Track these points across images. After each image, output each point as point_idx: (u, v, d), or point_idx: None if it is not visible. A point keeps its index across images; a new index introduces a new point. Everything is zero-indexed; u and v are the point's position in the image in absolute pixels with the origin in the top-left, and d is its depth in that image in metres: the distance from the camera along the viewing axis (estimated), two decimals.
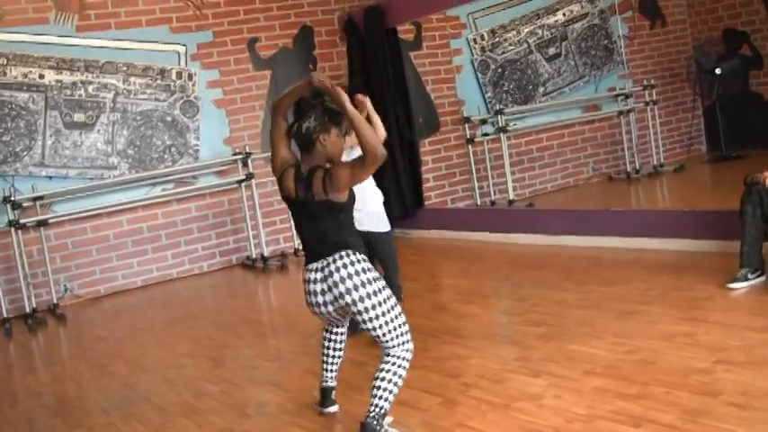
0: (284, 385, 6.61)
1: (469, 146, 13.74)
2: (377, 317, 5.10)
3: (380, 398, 5.09)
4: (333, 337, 5.90)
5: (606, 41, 15.42)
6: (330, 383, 5.92)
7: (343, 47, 13.39)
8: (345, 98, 5.14)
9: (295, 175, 5.29)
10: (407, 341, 5.22)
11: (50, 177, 11.49)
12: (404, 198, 12.81)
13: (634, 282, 8.08)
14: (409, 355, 5.22)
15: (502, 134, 13.12)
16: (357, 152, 6.32)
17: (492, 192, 13.73)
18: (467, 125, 13.70)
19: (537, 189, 14.46)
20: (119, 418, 6.51)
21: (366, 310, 5.08)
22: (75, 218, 11.57)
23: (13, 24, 11.32)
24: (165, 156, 12.23)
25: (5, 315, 10.72)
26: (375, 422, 5.05)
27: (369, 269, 5.18)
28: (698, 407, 4.88)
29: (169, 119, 12.27)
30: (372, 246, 7.37)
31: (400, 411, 5.45)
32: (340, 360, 5.96)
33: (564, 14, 15.05)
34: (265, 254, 12.32)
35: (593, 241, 10.05)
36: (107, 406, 6.89)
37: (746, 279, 7.27)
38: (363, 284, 5.09)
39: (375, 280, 5.16)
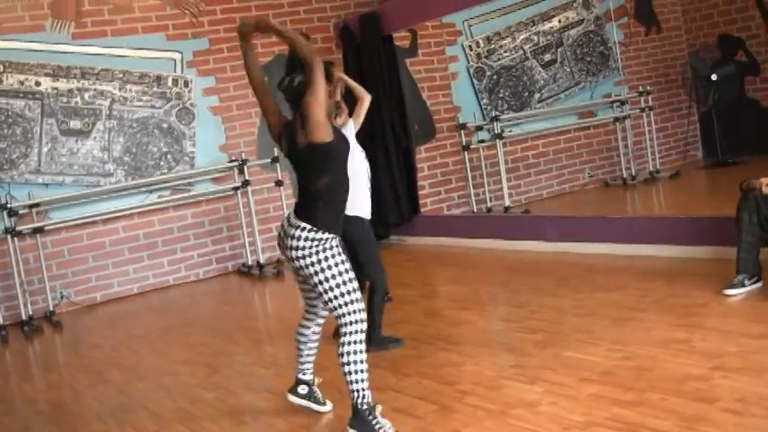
0: (280, 392, 6.58)
1: (465, 153, 13.76)
2: (328, 289, 5.26)
3: (354, 382, 5.28)
4: (303, 331, 5.99)
5: (602, 48, 15.45)
6: (303, 374, 6.06)
7: (339, 54, 13.39)
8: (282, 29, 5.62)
9: (286, 126, 5.48)
10: (356, 312, 5.32)
11: (47, 184, 11.49)
12: (400, 205, 12.81)
13: (630, 288, 8.08)
14: (359, 327, 5.32)
15: (498, 141, 13.14)
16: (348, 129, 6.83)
17: (488, 198, 13.75)
18: (462, 132, 13.74)
19: (533, 196, 14.50)
20: (115, 426, 6.50)
21: (311, 273, 5.28)
22: (72, 225, 11.56)
23: (9, 32, 11.32)
24: (161, 163, 12.23)
25: (2, 322, 10.70)
26: (363, 406, 5.28)
27: (316, 247, 5.24)
28: (694, 413, 4.87)
29: (165, 126, 12.27)
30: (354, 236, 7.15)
31: (396, 419, 5.44)
32: (311, 355, 6.07)
33: (559, 21, 15.08)
34: (261, 261, 12.31)
35: (590, 248, 10.05)
36: (103, 413, 6.89)
37: (743, 285, 7.27)
38: (313, 262, 5.26)
39: (323, 255, 5.25)
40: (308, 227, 5.23)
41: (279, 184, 12.09)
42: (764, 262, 7.37)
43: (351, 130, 7.40)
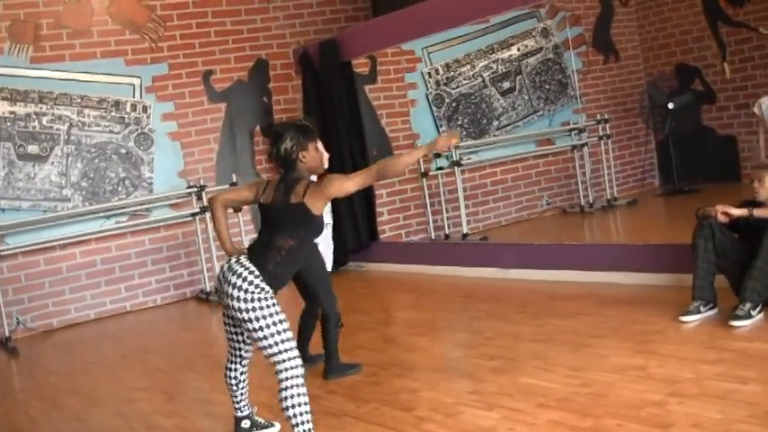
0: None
1: (424, 179, 13.78)
2: (258, 329, 5.23)
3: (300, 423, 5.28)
4: (233, 374, 5.96)
5: (560, 76, 15.56)
6: (241, 411, 6.09)
7: (299, 80, 13.41)
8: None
9: (276, 184, 5.54)
10: (288, 351, 5.31)
11: (3, 209, 11.40)
12: (358, 231, 12.83)
13: (587, 315, 8.11)
14: (293, 365, 5.30)
15: (456, 168, 13.18)
16: None
17: (446, 225, 13.77)
18: (421, 159, 13.74)
19: (491, 223, 14.55)
20: None
21: (243, 319, 5.27)
22: (28, 250, 11.47)
23: None
24: (119, 188, 12.18)
25: None
26: None
27: (252, 283, 5.26)
28: None
29: (123, 151, 12.22)
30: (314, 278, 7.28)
31: None
32: (245, 392, 6.07)
33: (518, 49, 15.18)
34: None
35: (547, 275, 10.09)
36: None
37: (699, 312, 7.32)
38: (244, 299, 5.23)
39: (254, 296, 5.25)
40: (257, 273, 5.29)
41: (237, 210, 12.05)
42: (720, 289, 7.42)
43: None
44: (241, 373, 5.95)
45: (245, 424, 6.07)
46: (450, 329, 9.00)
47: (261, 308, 5.22)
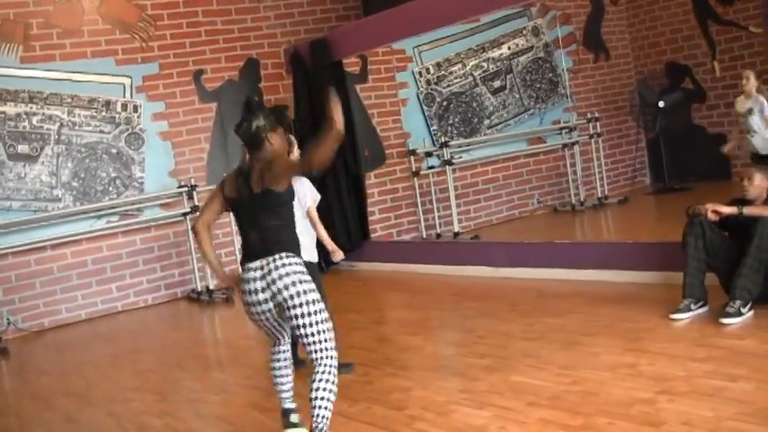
0: (228, 419, 6.57)
1: (415, 179, 13.79)
2: (309, 314, 5.22)
3: (324, 408, 5.22)
4: (278, 356, 5.90)
5: (551, 75, 15.58)
6: (287, 405, 5.91)
7: (289, 80, 13.40)
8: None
9: (234, 176, 5.53)
10: (334, 349, 5.35)
11: None
12: (349, 230, 12.83)
13: (578, 313, 8.12)
14: (336, 363, 5.36)
15: (447, 167, 13.20)
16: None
17: (437, 224, 13.78)
18: (412, 158, 13.77)
19: (482, 221, 14.55)
20: None
21: (301, 305, 5.21)
22: (19, 250, 11.46)
23: None
24: (110, 188, 12.17)
25: None
26: None
27: (304, 271, 5.34)
28: None
29: (114, 151, 12.21)
30: None
31: None
32: (291, 379, 5.96)
33: (509, 48, 15.19)
34: (210, 287, 12.25)
35: (538, 273, 10.10)
36: None
37: (689, 310, 7.33)
38: (300, 282, 5.23)
39: (309, 282, 5.31)
40: (287, 253, 5.33)
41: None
42: (710, 287, 7.44)
43: (301, 183, 7.28)
44: (285, 351, 5.92)
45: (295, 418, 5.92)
46: (442, 328, 9.01)
47: (309, 290, 5.28)
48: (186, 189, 12.31)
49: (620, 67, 16.55)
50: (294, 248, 5.40)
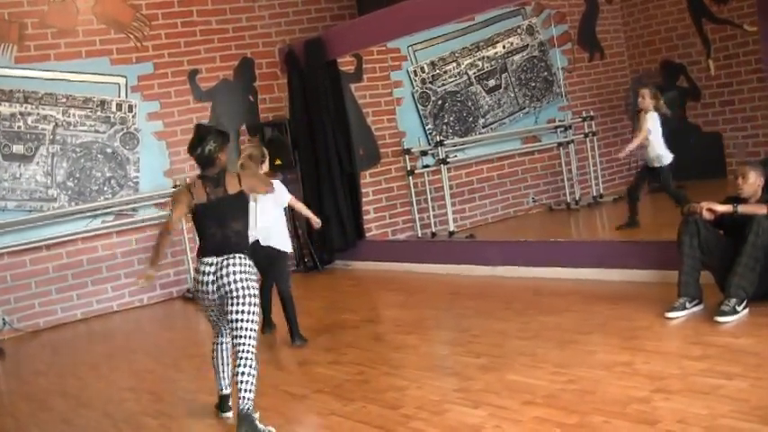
0: (223, 419, 6.57)
1: (410, 177, 13.79)
2: (246, 311, 6.10)
3: (249, 389, 5.95)
4: (220, 347, 6.72)
5: (546, 73, 15.56)
6: (226, 391, 6.67)
7: (284, 79, 13.41)
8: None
9: (203, 183, 6.35)
10: (256, 339, 6.17)
11: None
12: (344, 229, 12.83)
13: (573, 312, 8.13)
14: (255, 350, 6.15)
15: (442, 166, 13.21)
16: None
17: (433, 223, 13.79)
18: (407, 157, 13.76)
19: (477, 220, 14.54)
20: None
21: (242, 297, 6.11)
22: (14, 250, 11.46)
23: None
24: (105, 188, 12.17)
25: None
26: (251, 412, 5.90)
27: (253, 272, 6.31)
28: None
29: (109, 151, 12.21)
30: (272, 259, 8.66)
31: None
32: (230, 367, 6.61)
33: (504, 47, 15.18)
34: None
35: (534, 272, 10.10)
36: None
37: (684, 308, 7.34)
38: (247, 280, 6.18)
39: (255, 282, 6.28)
40: (241, 255, 6.30)
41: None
42: (705, 285, 7.45)
43: (279, 187, 8.40)
44: (226, 343, 6.66)
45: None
46: (438, 327, 9.00)
47: (253, 285, 6.26)
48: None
49: (614, 66, 16.55)
50: (246, 250, 6.36)
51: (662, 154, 11.47)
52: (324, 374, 7.35)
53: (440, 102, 14.47)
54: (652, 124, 11.43)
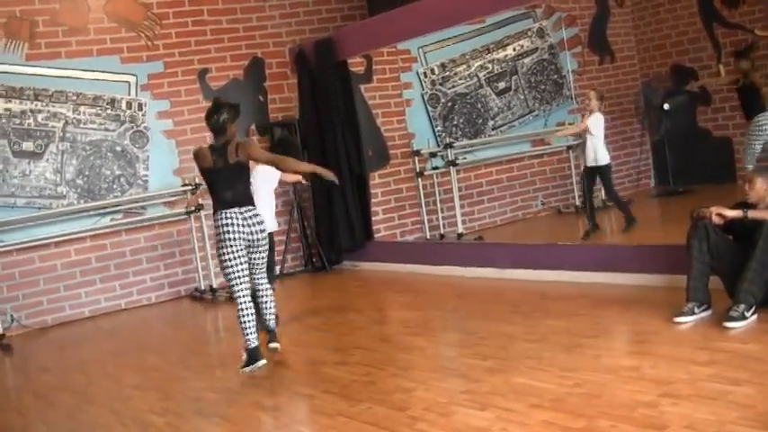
0: (231, 417, 6.57)
1: (419, 179, 13.78)
2: (265, 251, 7.86)
3: (272, 312, 8.04)
4: (248, 310, 7.75)
5: (556, 76, 15.55)
6: (255, 344, 7.69)
7: (294, 79, 13.42)
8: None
9: (210, 151, 7.76)
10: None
11: None
12: (353, 230, 12.83)
13: (581, 315, 8.12)
14: None
15: (451, 167, 13.19)
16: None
17: (441, 225, 13.78)
18: (417, 158, 13.75)
19: (486, 223, 14.52)
20: None
21: (264, 245, 7.82)
22: (23, 247, 11.48)
23: None
24: (114, 186, 12.18)
25: None
26: (275, 327, 7.99)
27: (264, 221, 7.85)
28: None
29: (119, 149, 12.23)
30: None
31: None
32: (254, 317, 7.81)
33: (514, 49, 15.16)
34: (214, 285, 12.28)
35: (542, 275, 10.09)
36: None
37: (693, 313, 7.33)
38: (264, 230, 7.81)
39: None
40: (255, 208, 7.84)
41: None
42: (714, 290, 7.43)
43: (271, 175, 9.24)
44: (250, 300, 7.83)
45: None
46: (445, 329, 9.01)
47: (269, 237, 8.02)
48: (190, 188, 12.31)
49: (625, 70, 16.52)
50: (254, 204, 7.82)
51: (601, 156, 11.96)
52: (331, 375, 7.35)
53: (449, 103, 14.46)
54: (595, 124, 11.86)
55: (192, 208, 12.20)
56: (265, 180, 9.12)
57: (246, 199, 7.72)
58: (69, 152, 11.90)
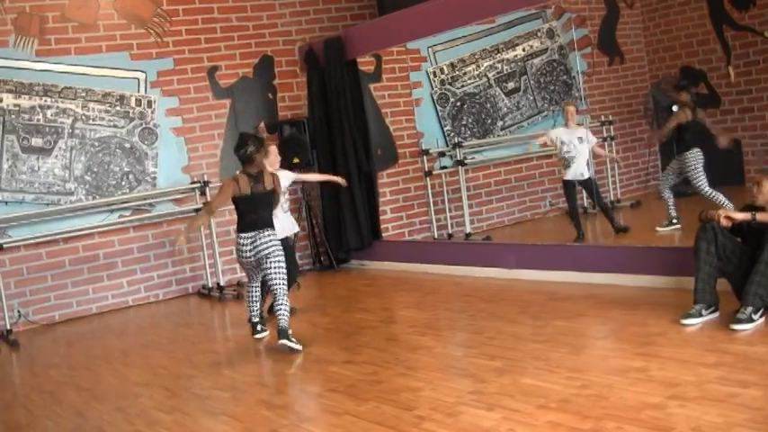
0: (237, 415, 6.57)
1: (427, 178, 13.77)
2: (276, 267, 8.55)
3: (284, 314, 8.39)
4: (253, 289, 9.21)
5: (565, 77, 15.53)
6: (255, 319, 9.25)
7: (303, 77, 13.43)
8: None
9: (247, 179, 8.58)
10: (285, 284, 8.65)
11: (6, 202, 11.42)
12: (361, 229, 12.83)
13: (589, 316, 8.12)
14: (286, 291, 8.67)
15: (460, 167, 13.18)
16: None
17: (449, 225, 13.77)
18: (425, 158, 13.74)
19: (494, 223, 14.51)
20: None
21: (273, 259, 8.55)
22: (31, 243, 11.50)
23: None
24: (123, 182, 12.19)
25: None
26: (287, 328, 8.33)
27: (276, 238, 8.69)
28: None
29: (127, 145, 12.24)
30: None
31: None
32: (259, 302, 9.31)
33: (523, 49, 15.14)
34: (221, 283, 12.29)
35: (549, 275, 10.10)
36: None
37: (700, 315, 7.32)
38: (275, 247, 8.59)
39: (280, 248, 8.66)
40: (270, 229, 8.68)
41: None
42: (722, 292, 7.42)
43: (284, 177, 9.90)
44: (257, 287, 9.21)
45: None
46: (452, 329, 9.01)
47: (279, 250, 8.65)
48: (199, 185, 12.34)
49: (634, 71, 16.50)
50: (272, 227, 8.69)
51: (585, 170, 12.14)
52: (338, 374, 7.35)
53: (458, 103, 14.45)
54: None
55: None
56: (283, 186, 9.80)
57: (263, 223, 8.63)
58: (78, 148, 11.91)
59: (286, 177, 9.97)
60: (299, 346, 8.23)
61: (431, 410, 5.98)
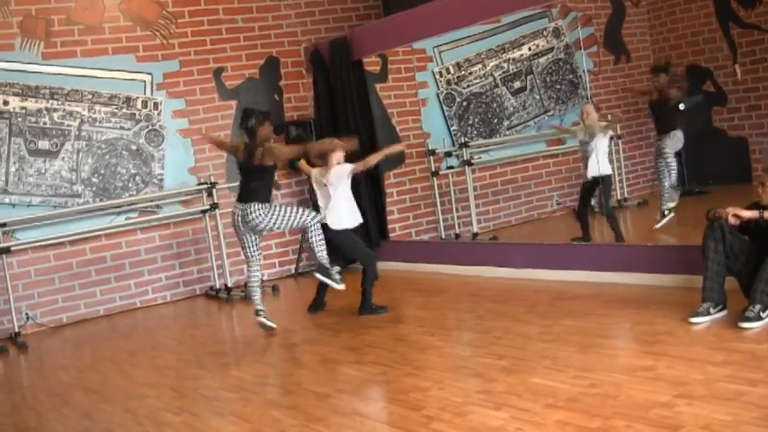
0: (246, 416, 6.57)
1: (434, 178, 13.77)
2: (272, 223, 9.11)
3: (321, 248, 9.37)
4: (252, 275, 9.51)
5: (571, 76, 15.52)
6: (260, 306, 9.42)
7: (309, 78, 13.43)
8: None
9: (244, 147, 9.09)
10: (310, 216, 9.32)
11: (13, 205, 11.44)
12: (368, 230, 12.80)
13: (596, 315, 8.11)
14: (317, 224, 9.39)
15: (466, 167, 13.17)
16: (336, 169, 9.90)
17: (456, 225, 13.77)
18: (432, 158, 13.75)
19: (501, 222, 14.50)
20: None
21: (263, 224, 9.06)
22: (38, 246, 11.51)
23: None
24: (130, 184, 12.20)
25: None
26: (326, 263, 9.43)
27: (266, 208, 9.00)
28: None
29: (134, 147, 12.25)
30: (346, 241, 10.07)
31: None
32: (260, 289, 9.56)
33: (529, 49, 15.14)
34: (229, 284, 12.29)
35: (557, 275, 10.09)
36: None
37: (708, 314, 7.31)
38: (265, 216, 9.01)
39: (267, 212, 9.01)
40: (258, 203, 9.01)
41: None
42: (730, 291, 7.42)
43: (336, 172, 9.99)
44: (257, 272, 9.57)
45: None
46: (460, 329, 9.01)
47: (272, 214, 9.04)
48: (206, 186, 12.35)
49: (640, 69, 16.48)
50: (264, 199, 9.03)
51: (603, 167, 12.14)
52: (346, 374, 7.36)
53: (465, 103, 14.45)
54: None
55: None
56: (340, 179, 9.96)
57: (254, 196, 9.00)
58: (85, 151, 11.92)
59: (344, 170, 10.00)
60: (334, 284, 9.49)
61: (439, 410, 5.98)
